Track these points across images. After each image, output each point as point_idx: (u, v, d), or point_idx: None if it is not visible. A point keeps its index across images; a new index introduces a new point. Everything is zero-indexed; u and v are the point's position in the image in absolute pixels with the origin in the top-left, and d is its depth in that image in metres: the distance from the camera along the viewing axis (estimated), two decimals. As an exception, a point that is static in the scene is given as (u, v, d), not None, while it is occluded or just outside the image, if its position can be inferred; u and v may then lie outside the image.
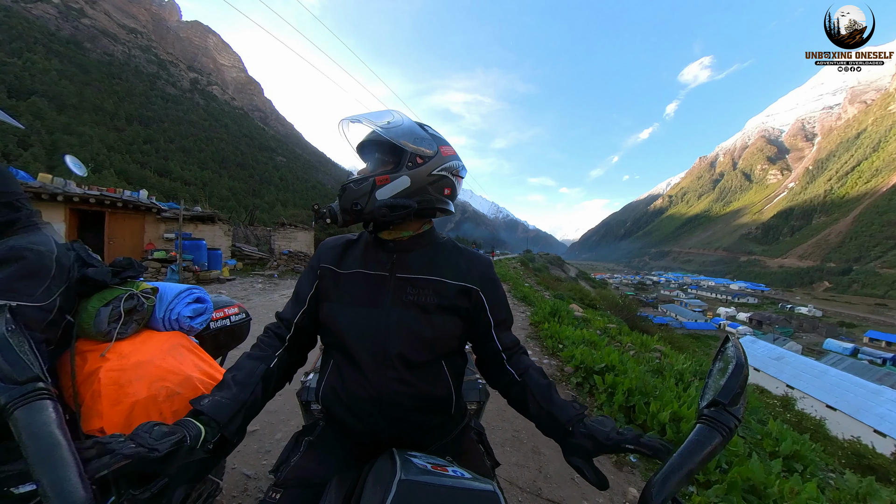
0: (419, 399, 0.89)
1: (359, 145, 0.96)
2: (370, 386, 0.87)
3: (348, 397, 0.90)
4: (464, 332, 0.97)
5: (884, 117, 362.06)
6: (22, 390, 0.49)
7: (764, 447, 3.15)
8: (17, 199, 1.04)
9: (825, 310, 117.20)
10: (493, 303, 0.98)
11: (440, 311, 0.91)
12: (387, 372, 0.87)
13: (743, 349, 0.62)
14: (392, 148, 0.90)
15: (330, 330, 0.94)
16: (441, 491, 0.63)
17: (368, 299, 0.91)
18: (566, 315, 7.50)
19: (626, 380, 3.52)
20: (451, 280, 0.93)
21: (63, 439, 0.44)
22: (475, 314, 0.96)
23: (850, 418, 22.51)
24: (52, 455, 0.42)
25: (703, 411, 0.60)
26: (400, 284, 0.91)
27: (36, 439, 0.43)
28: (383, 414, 0.88)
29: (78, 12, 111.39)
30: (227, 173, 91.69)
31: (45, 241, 1.01)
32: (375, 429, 0.89)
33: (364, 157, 0.99)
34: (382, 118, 0.90)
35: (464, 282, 0.94)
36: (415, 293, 0.90)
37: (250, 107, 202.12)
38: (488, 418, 3.20)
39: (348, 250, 1.00)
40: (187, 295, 1.69)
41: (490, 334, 0.98)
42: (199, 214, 13.39)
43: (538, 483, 2.46)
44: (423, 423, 0.92)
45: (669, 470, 0.57)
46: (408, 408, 0.89)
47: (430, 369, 0.91)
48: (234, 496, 2.11)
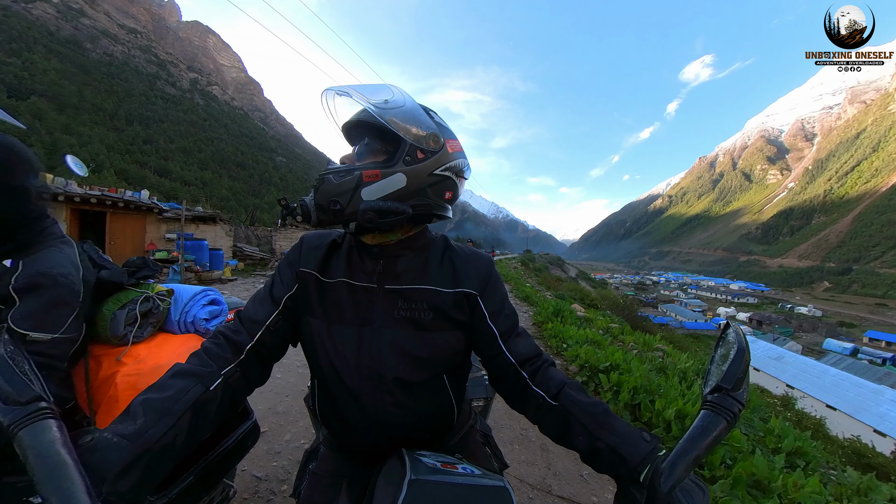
0: (420, 416, 0.83)
1: (345, 125, 0.78)
2: (367, 411, 0.78)
3: (346, 421, 0.83)
4: (467, 345, 0.84)
5: (883, 117, 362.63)
6: (25, 411, 0.49)
7: (767, 444, 3.19)
8: (45, 213, 0.99)
9: (825, 310, 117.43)
10: (492, 308, 0.82)
11: (437, 325, 0.78)
12: (383, 397, 0.77)
13: (744, 335, 0.62)
14: (387, 134, 0.73)
15: (315, 350, 0.80)
16: (452, 489, 0.62)
17: (357, 317, 0.78)
18: (569, 315, 7.54)
19: (631, 378, 3.56)
20: (446, 288, 0.79)
21: (69, 458, 0.44)
22: (477, 323, 0.81)
23: (850, 418, 22.58)
24: (58, 474, 0.42)
25: (707, 397, 0.59)
26: (390, 298, 0.78)
27: (41, 459, 0.44)
28: (384, 434, 0.81)
29: (78, 12, 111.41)
30: (227, 173, 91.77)
31: (70, 263, 0.95)
32: (382, 448, 0.83)
33: (351, 141, 0.81)
34: (378, 94, 0.72)
35: (461, 287, 0.80)
36: (407, 307, 0.77)
37: (250, 107, 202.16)
38: (495, 417, 3.20)
39: (333, 254, 0.84)
40: (202, 297, 1.72)
41: (497, 346, 0.81)
42: (200, 215, 13.42)
43: (548, 480, 2.49)
44: (427, 436, 0.88)
45: (676, 456, 0.56)
46: (409, 427, 0.82)
47: (430, 387, 0.81)
48: (246, 499, 2.11)
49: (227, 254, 13.98)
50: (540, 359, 0.81)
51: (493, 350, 0.81)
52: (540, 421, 0.77)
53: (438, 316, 0.78)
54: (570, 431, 0.72)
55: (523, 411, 0.80)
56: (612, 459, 0.66)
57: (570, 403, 0.72)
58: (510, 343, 0.81)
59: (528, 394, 0.77)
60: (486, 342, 0.82)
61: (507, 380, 0.82)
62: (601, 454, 0.67)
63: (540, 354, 0.82)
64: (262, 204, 70.65)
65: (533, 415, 0.78)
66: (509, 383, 0.81)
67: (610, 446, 0.66)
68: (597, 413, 0.70)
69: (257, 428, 1.61)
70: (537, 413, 0.77)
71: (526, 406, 0.79)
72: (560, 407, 0.73)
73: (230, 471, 1.61)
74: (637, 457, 0.62)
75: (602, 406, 0.72)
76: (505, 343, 0.81)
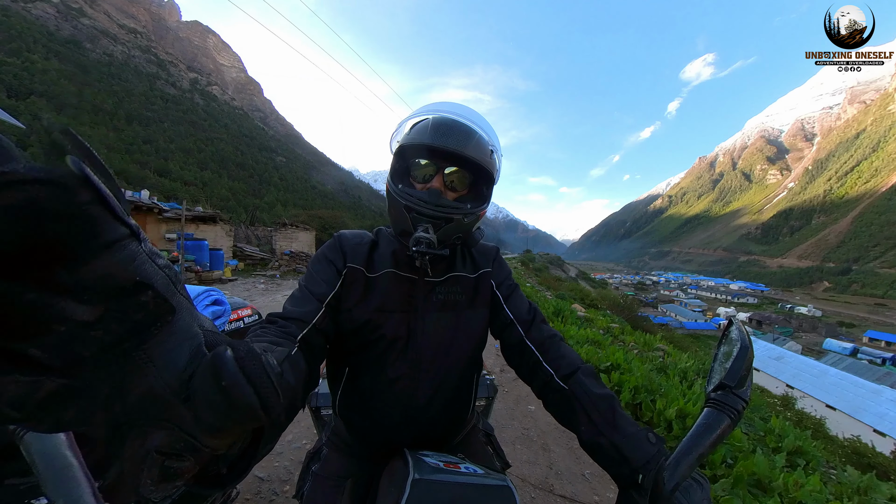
0: (447, 402, 0.87)
1: (444, 151, 0.77)
2: (401, 393, 0.82)
3: (374, 408, 0.85)
4: (488, 324, 0.94)
5: (883, 117, 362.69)
6: None
7: (767, 443, 3.20)
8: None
9: (825, 310, 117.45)
10: (499, 280, 0.94)
11: (469, 306, 0.89)
12: (421, 381, 0.83)
13: (747, 332, 0.62)
14: (485, 175, 0.81)
15: (359, 338, 0.82)
16: (455, 488, 0.62)
17: (402, 304, 0.84)
18: (570, 315, 7.56)
19: (632, 378, 3.58)
20: (471, 274, 0.91)
21: (75, 460, 0.42)
22: (492, 299, 0.93)
23: (850, 418, 22.59)
24: (64, 476, 0.41)
25: (711, 395, 0.59)
26: (429, 286, 0.86)
27: (47, 461, 0.41)
28: (410, 422, 0.85)
29: (77, 12, 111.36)
30: (227, 173, 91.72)
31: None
32: (399, 439, 0.86)
33: (432, 162, 0.82)
34: (492, 139, 0.81)
35: (480, 270, 0.93)
36: (444, 293, 0.87)
37: (250, 107, 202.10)
38: (496, 416, 3.22)
39: (374, 251, 0.89)
40: (205, 297, 1.73)
41: (502, 309, 0.91)
42: (200, 215, 13.44)
43: (549, 479, 2.50)
44: (445, 429, 0.91)
45: (680, 454, 0.56)
46: (433, 418, 0.86)
47: (461, 374, 0.88)
48: (248, 499, 2.13)
49: (227, 254, 13.99)
50: (542, 323, 0.89)
51: (499, 315, 0.92)
52: (545, 398, 0.81)
53: (469, 297, 0.89)
54: (575, 418, 0.72)
55: (530, 384, 0.85)
56: (613, 457, 0.65)
57: (580, 391, 0.73)
58: (509, 302, 0.92)
59: (539, 368, 0.81)
60: (495, 309, 0.93)
61: (513, 346, 0.88)
62: (602, 450, 0.67)
63: (543, 319, 0.91)
64: (262, 204, 70.69)
65: (539, 390, 0.82)
66: (516, 351, 0.87)
67: (613, 444, 0.65)
68: (604, 408, 0.70)
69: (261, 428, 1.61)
70: (543, 390, 0.80)
71: (534, 380, 0.83)
72: (568, 391, 0.74)
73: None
74: (639, 459, 0.61)
75: (611, 400, 0.71)
76: (506, 302, 0.92)
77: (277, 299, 8.99)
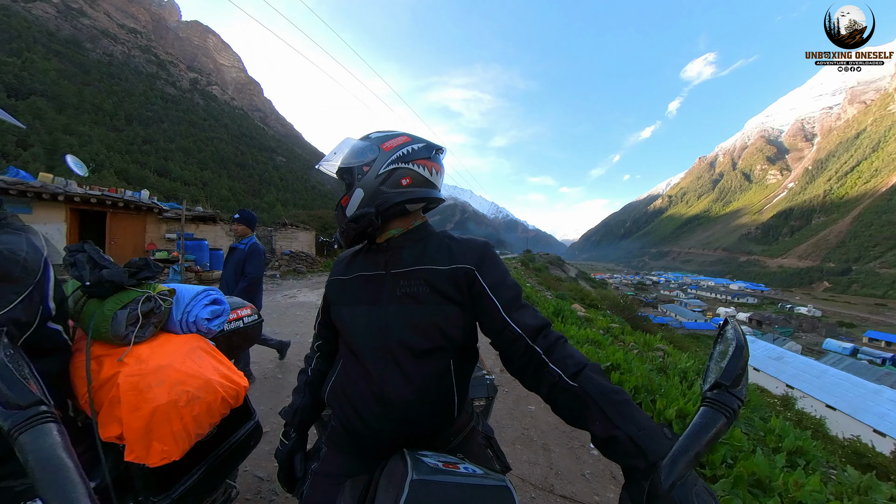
0: (422, 394, 0.87)
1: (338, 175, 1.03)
2: (373, 381, 0.87)
3: (353, 395, 0.91)
4: (466, 322, 0.89)
5: (883, 117, 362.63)
6: (25, 414, 0.49)
7: (767, 443, 3.20)
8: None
9: (825, 310, 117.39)
10: (491, 281, 0.87)
11: (433, 299, 0.88)
12: (387, 365, 0.86)
13: (742, 332, 0.62)
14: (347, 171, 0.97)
15: (338, 330, 1.01)
16: (453, 489, 0.62)
17: (369, 297, 0.93)
18: (570, 315, 7.55)
19: (633, 378, 3.57)
20: (442, 266, 0.90)
21: (70, 462, 0.44)
22: (477, 297, 0.88)
23: (850, 418, 22.56)
24: (59, 478, 0.43)
25: (707, 394, 0.59)
26: (394, 279, 0.92)
27: (42, 463, 0.44)
28: (387, 413, 0.86)
29: (77, 12, 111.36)
30: (227, 173, 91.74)
31: (26, 243, 0.89)
32: (379, 431, 0.87)
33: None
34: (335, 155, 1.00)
35: (455, 264, 0.89)
36: (407, 285, 0.90)
37: (250, 107, 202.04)
38: (496, 417, 3.20)
39: (354, 260, 1.03)
40: (204, 297, 1.72)
41: (501, 318, 0.83)
42: (200, 215, 13.42)
43: (549, 480, 2.50)
44: (427, 424, 0.90)
45: (677, 453, 0.56)
46: (411, 406, 0.86)
47: (434, 363, 0.88)
48: (248, 499, 2.12)
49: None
50: (551, 330, 0.83)
51: (498, 323, 0.84)
52: (554, 400, 0.77)
53: (433, 290, 0.89)
54: (588, 415, 0.71)
55: (537, 389, 0.80)
56: (629, 450, 0.64)
57: (591, 387, 0.71)
58: (515, 314, 0.83)
59: (544, 370, 0.77)
60: (490, 315, 0.85)
61: (519, 356, 0.81)
62: (618, 443, 0.66)
63: (549, 325, 0.84)
64: (262, 204, 70.70)
65: (547, 393, 0.78)
66: (522, 360, 0.81)
67: (630, 437, 0.64)
68: (619, 401, 0.69)
69: (259, 428, 1.61)
70: (552, 392, 0.76)
71: (540, 384, 0.78)
72: (578, 388, 0.72)
73: (232, 471, 1.61)
74: (658, 453, 0.61)
75: (624, 395, 0.71)
76: (509, 314, 0.83)
77: (277, 299, 8.98)
